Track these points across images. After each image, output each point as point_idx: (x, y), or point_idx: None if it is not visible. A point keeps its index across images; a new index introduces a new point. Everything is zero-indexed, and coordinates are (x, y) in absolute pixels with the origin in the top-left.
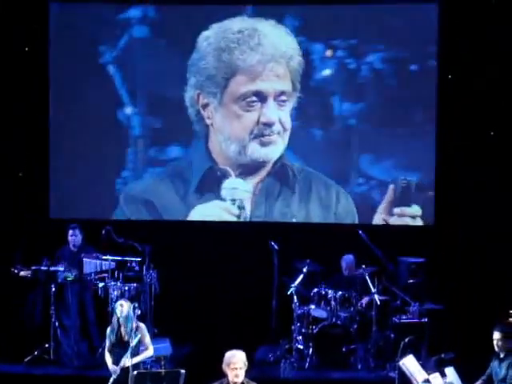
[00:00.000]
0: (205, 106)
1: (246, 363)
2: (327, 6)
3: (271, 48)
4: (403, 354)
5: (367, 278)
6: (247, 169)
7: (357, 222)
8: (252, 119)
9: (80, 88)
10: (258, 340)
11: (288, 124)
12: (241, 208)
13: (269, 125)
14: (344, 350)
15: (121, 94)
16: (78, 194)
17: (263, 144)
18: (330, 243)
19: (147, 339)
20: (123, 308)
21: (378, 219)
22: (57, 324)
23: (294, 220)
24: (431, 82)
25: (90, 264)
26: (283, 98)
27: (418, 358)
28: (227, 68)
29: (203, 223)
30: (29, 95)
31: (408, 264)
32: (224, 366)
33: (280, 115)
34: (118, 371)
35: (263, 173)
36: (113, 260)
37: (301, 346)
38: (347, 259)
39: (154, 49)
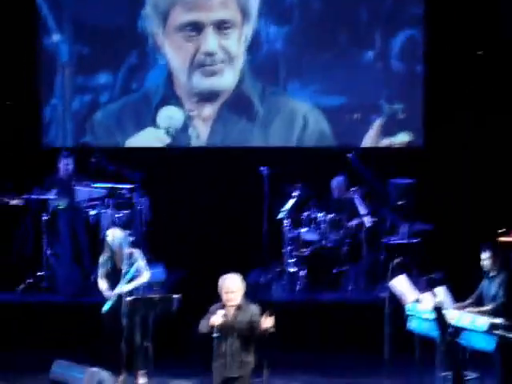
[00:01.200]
0: (155, 34)
1: (241, 286)
2: None
3: None
4: (393, 275)
5: (356, 199)
6: (202, 97)
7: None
8: (192, 49)
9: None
10: (250, 263)
11: (235, 52)
12: (172, 136)
13: (208, 54)
14: (335, 271)
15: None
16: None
17: (206, 74)
18: (319, 167)
19: (142, 264)
20: (114, 236)
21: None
22: (49, 252)
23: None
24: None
25: (81, 192)
26: (226, 26)
27: (409, 279)
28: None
29: (193, 149)
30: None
31: (397, 185)
32: (219, 291)
33: (223, 44)
34: (114, 297)
35: (220, 101)
36: (104, 187)
37: (292, 269)
38: (337, 180)
39: None
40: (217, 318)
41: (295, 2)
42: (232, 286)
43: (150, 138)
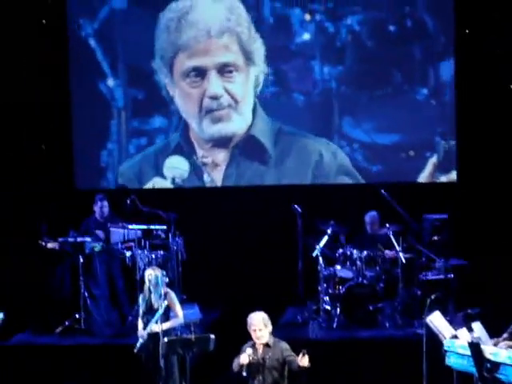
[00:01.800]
0: (167, 85)
1: (268, 324)
2: None
3: (206, 23)
4: (430, 311)
5: (391, 236)
6: (214, 143)
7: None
8: (198, 95)
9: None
10: (286, 302)
11: (240, 96)
12: (178, 186)
13: (214, 98)
14: (371, 308)
15: (102, 66)
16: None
17: (214, 120)
18: (353, 203)
19: (177, 306)
20: (152, 275)
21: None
22: (86, 294)
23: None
24: (409, 43)
25: (116, 234)
26: (229, 69)
27: (445, 314)
28: (171, 47)
29: (225, 189)
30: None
31: (432, 221)
32: (248, 329)
33: (227, 87)
34: (146, 336)
35: (231, 145)
36: (139, 229)
37: (328, 307)
38: (371, 215)
39: (133, 20)
40: (244, 358)
41: (348, 41)
42: (258, 323)
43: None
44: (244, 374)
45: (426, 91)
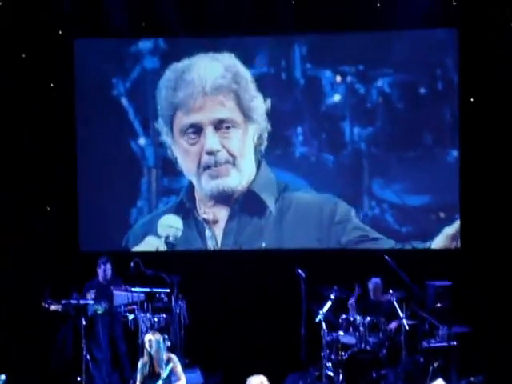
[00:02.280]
0: (170, 145)
1: None
2: (334, 33)
3: (202, 81)
4: (433, 378)
5: (395, 303)
6: (216, 200)
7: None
8: (197, 151)
9: (98, 120)
10: (288, 368)
11: (238, 151)
12: (170, 246)
13: (211, 153)
14: (374, 375)
15: (134, 125)
16: (100, 226)
17: (212, 176)
18: (355, 269)
19: (179, 369)
20: (152, 341)
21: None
22: (88, 357)
23: (263, 244)
24: (440, 105)
25: (119, 296)
26: (225, 125)
27: (448, 382)
28: (170, 106)
29: (229, 252)
30: (53, 129)
31: (435, 288)
32: None
33: (224, 143)
34: None
35: (232, 201)
36: (142, 292)
37: (331, 373)
38: (374, 282)
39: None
40: None
41: (379, 102)
42: None
43: (149, 246)
44: None
45: (457, 153)
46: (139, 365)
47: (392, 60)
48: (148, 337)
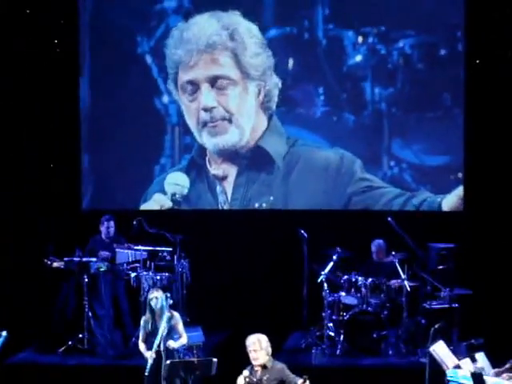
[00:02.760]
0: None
1: (265, 346)
2: None
3: (198, 39)
4: (434, 340)
5: (397, 264)
6: (222, 156)
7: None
8: (195, 108)
9: (118, 77)
10: (290, 327)
11: (235, 108)
12: (176, 203)
13: (207, 110)
14: (375, 336)
15: (158, 83)
16: (115, 184)
17: (211, 133)
18: (359, 230)
19: (181, 327)
20: (158, 299)
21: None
22: (90, 314)
23: (271, 198)
24: (459, 67)
25: (122, 254)
26: (221, 82)
27: (449, 344)
28: (172, 64)
29: (233, 212)
30: (60, 87)
31: (438, 250)
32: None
33: (220, 100)
34: (154, 355)
35: (239, 156)
36: (144, 250)
37: (332, 333)
38: (377, 243)
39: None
40: (240, 380)
41: (400, 63)
42: (253, 344)
43: (156, 204)
44: None
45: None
46: (142, 322)
47: (413, 21)
48: (152, 294)
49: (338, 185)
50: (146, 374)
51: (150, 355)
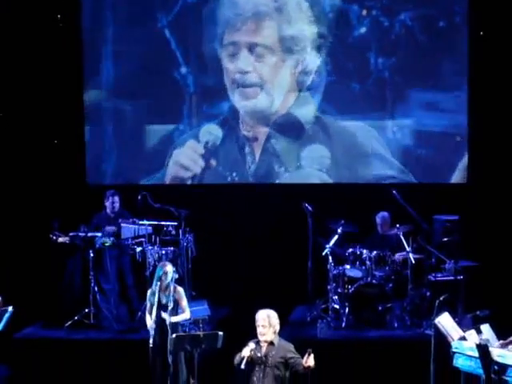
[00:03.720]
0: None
1: (273, 322)
2: None
3: (245, 5)
4: (439, 312)
5: (401, 236)
6: (254, 119)
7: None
8: (232, 68)
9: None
10: (295, 300)
11: (269, 76)
12: (208, 152)
13: (241, 73)
14: (380, 308)
15: (176, 55)
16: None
17: (242, 96)
18: (363, 203)
19: (184, 303)
20: (167, 273)
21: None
22: (96, 289)
23: (299, 164)
24: (459, 38)
25: (127, 229)
26: (260, 50)
27: (454, 316)
28: (219, 23)
29: (237, 186)
30: (62, 61)
31: (442, 222)
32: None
33: (256, 66)
34: (154, 325)
35: (269, 122)
36: (149, 225)
37: (337, 306)
38: (382, 216)
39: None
40: (245, 350)
41: (401, 34)
42: (262, 320)
43: (189, 150)
44: (242, 366)
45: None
46: (148, 293)
47: None
48: (164, 268)
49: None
50: (150, 345)
51: (150, 326)
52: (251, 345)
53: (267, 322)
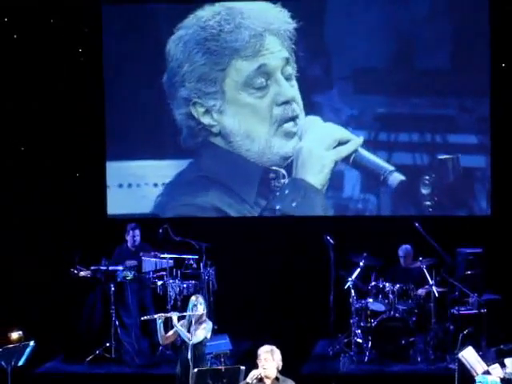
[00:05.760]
0: (205, 113)
1: (277, 358)
2: None
3: (257, 21)
4: (463, 346)
5: (425, 270)
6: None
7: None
8: (267, 104)
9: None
10: (317, 334)
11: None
12: None
13: (288, 102)
14: (403, 342)
15: None
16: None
17: (288, 135)
18: (386, 236)
19: (199, 331)
20: (202, 303)
21: None
22: (117, 323)
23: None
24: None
25: (148, 263)
26: (289, 71)
27: (478, 350)
28: (220, 56)
29: (258, 219)
30: (85, 98)
31: (465, 255)
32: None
33: (293, 92)
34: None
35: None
36: (170, 258)
37: (360, 340)
38: (404, 249)
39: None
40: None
41: None
42: (266, 353)
43: None
44: None
45: None
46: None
47: None
48: (200, 299)
49: None
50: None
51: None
52: (256, 372)
53: (270, 356)
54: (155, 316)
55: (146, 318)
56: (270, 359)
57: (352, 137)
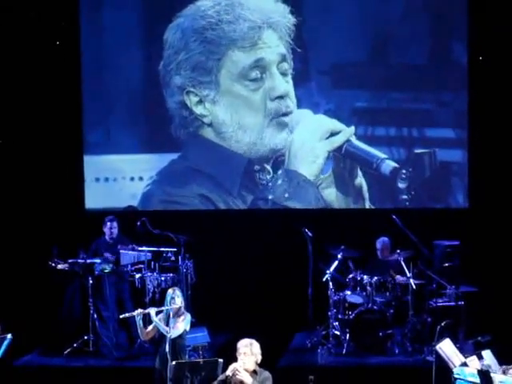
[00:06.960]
0: (198, 103)
1: (255, 351)
2: None
3: (258, 13)
4: (440, 338)
5: (402, 262)
6: (265, 160)
7: None
8: (260, 96)
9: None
10: (295, 327)
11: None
12: None
13: (282, 97)
14: (381, 334)
15: None
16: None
17: (281, 126)
18: (363, 228)
19: (179, 325)
20: (179, 295)
21: None
22: (95, 316)
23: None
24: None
25: (126, 256)
26: (285, 66)
27: (455, 342)
28: (217, 46)
29: (236, 212)
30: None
31: (443, 247)
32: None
33: (287, 88)
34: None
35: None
36: (149, 251)
37: (337, 332)
38: (382, 241)
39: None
40: (231, 367)
41: None
42: (245, 347)
43: None
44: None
45: None
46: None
47: None
48: (177, 292)
49: None
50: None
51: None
52: (236, 365)
53: (249, 350)
54: (134, 313)
55: (124, 315)
56: (248, 353)
57: (343, 127)
